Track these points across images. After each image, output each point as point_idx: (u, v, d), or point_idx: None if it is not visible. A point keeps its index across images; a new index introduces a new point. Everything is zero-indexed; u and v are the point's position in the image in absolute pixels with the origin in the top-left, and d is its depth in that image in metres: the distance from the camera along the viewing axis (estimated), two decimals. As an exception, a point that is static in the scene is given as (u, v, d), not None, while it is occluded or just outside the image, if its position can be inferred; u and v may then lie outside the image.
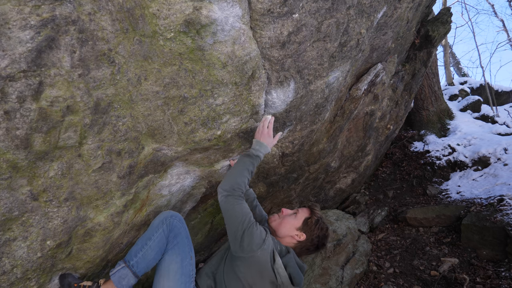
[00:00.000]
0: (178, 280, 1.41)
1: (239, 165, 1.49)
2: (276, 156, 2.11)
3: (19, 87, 0.87)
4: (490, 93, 7.00)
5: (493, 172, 3.94)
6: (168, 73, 1.24)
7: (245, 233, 1.33)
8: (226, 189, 1.42)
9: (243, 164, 1.49)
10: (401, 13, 2.53)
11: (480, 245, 2.83)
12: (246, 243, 1.33)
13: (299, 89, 1.70)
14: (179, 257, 1.45)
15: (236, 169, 1.49)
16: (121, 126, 1.21)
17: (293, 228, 1.54)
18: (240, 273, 1.36)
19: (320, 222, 1.55)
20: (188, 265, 1.47)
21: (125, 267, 1.37)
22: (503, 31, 14.59)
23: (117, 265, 1.40)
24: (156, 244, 1.41)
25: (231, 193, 1.41)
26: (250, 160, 1.50)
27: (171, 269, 1.42)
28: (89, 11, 0.94)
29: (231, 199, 1.40)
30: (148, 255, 1.39)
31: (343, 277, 2.60)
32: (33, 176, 1.03)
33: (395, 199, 4.31)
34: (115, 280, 1.35)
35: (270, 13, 1.31)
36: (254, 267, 1.35)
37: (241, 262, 1.37)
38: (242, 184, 1.44)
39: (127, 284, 1.35)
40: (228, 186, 1.43)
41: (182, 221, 1.51)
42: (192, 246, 1.54)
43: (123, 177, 1.30)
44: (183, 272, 1.44)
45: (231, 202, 1.39)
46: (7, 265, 1.06)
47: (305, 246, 1.54)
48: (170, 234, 1.45)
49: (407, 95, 4.11)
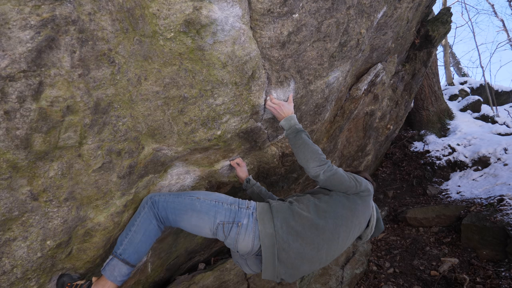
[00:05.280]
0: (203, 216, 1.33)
1: (301, 143, 1.47)
2: (276, 156, 2.11)
3: (19, 87, 0.87)
4: (490, 93, 7.00)
5: (493, 172, 3.94)
6: (168, 73, 1.24)
7: (358, 186, 1.43)
8: (316, 165, 1.41)
9: (300, 140, 1.48)
10: (401, 13, 2.53)
11: (480, 245, 2.83)
12: (363, 188, 1.45)
13: (299, 89, 1.70)
14: (189, 213, 1.34)
15: (302, 147, 1.46)
16: (121, 126, 1.21)
17: None
18: (353, 205, 1.43)
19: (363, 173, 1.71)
20: (206, 204, 1.36)
21: (113, 257, 1.30)
22: (503, 31, 14.61)
23: (106, 260, 1.35)
24: (141, 227, 1.33)
25: (323, 167, 1.40)
26: (303, 134, 1.50)
27: (193, 225, 1.35)
28: (89, 11, 0.94)
29: (327, 173, 1.40)
30: (135, 239, 1.31)
31: (343, 277, 2.60)
32: (33, 176, 1.03)
33: (395, 199, 4.32)
34: (106, 274, 1.28)
35: (270, 13, 1.31)
36: (365, 205, 1.47)
37: (356, 197, 1.45)
38: (319, 150, 1.45)
39: (119, 274, 1.28)
40: (316, 162, 1.40)
41: (164, 194, 1.42)
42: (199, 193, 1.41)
43: (123, 177, 1.30)
44: (203, 211, 1.34)
45: (329, 173, 1.40)
46: (7, 265, 1.06)
47: None
48: (159, 212, 1.35)
49: (407, 95, 4.11)
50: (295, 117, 1.58)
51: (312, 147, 1.45)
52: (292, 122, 1.55)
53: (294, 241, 1.30)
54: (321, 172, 1.40)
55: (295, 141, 1.50)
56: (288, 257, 1.30)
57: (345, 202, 1.41)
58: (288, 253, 1.29)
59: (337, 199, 1.41)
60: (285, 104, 1.59)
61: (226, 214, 1.34)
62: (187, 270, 2.43)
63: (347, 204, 1.41)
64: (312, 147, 1.45)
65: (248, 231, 1.31)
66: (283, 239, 1.29)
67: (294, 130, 1.52)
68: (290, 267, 1.31)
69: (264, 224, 1.31)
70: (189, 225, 1.35)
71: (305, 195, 1.48)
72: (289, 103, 1.62)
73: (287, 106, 1.59)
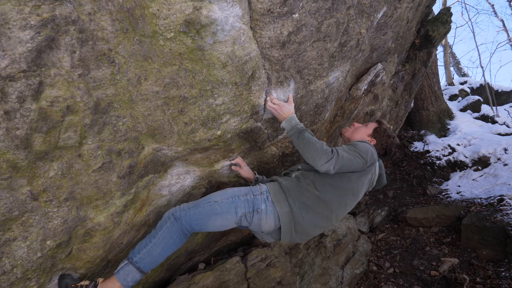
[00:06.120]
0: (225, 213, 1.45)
1: (305, 143, 1.49)
2: (276, 156, 2.11)
3: (19, 87, 0.87)
4: (490, 93, 7.00)
5: (493, 172, 3.94)
6: (168, 73, 1.24)
7: (363, 163, 1.52)
8: (324, 162, 1.43)
9: (304, 140, 1.49)
10: (401, 13, 2.53)
11: (480, 245, 2.83)
12: (369, 162, 1.55)
13: (299, 89, 1.70)
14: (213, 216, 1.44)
15: (307, 147, 1.47)
16: (121, 126, 1.21)
17: (365, 135, 1.79)
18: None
19: (388, 130, 1.78)
20: (224, 205, 1.46)
21: (129, 263, 1.39)
22: (503, 31, 14.61)
23: (121, 263, 1.42)
24: (162, 240, 1.42)
25: (331, 161, 1.43)
26: (305, 133, 1.51)
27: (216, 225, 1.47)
28: (89, 11, 0.94)
29: (336, 166, 1.44)
30: (153, 251, 1.40)
31: (343, 277, 2.60)
32: (33, 176, 1.03)
33: (395, 199, 4.32)
34: (120, 278, 1.37)
35: (270, 13, 1.31)
36: (369, 175, 1.60)
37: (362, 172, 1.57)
38: (323, 145, 1.47)
39: (132, 280, 1.38)
40: (324, 159, 1.43)
41: (184, 208, 1.48)
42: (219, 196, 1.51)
43: (123, 177, 1.30)
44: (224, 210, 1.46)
45: (338, 166, 1.45)
46: (7, 265, 1.06)
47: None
48: (183, 226, 1.43)
49: (407, 95, 4.11)
50: (296, 117, 1.58)
51: (316, 145, 1.46)
52: (293, 123, 1.55)
53: (307, 214, 1.48)
54: (331, 167, 1.45)
55: (298, 142, 1.51)
56: (303, 228, 1.50)
57: (350, 176, 1.53)
58: (302, 225, 1.49)
59: (341, 174, 1.53)
60: (285, 104, 1.59)
61: (245, 205, 1.46)
62: (187, 270, 2.43)
63: (352, 178, 1.54)
64: (316, 145, 1.46)
65: (268, 215, 1.47)
66: (297, 214, 1.47)
67: (296, 130, 1.53)
68: (304, 234, 1.53)
69: (280, 204, 1.47)
70: (215, 227, 1.47)
71: (310, 169, 1.59)
72: (289, 103, 1.63)
73: (287, 106, 1.59)
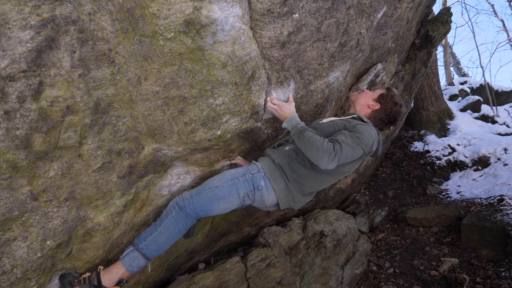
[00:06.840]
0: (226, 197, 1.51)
1: (306, 143, 1.47)
2: (276, 156, 2.11)
3: (19, 87, 0.87)
4: (490, 93, 6.99)
5: (493, 172, 3.94)
6: (168, 73, 1.24)
7: (365, 150, 1.52)
8: (326, 159, 1.42)
9: (305, 139, 1.47)
10: (401, 13, 2.53)
11: (480, 245, 2.82)
12: (369, 149, 1.55)
13: (299, 89, 1.70)
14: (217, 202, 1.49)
15: (309, 146, 1.46)
16: (121, 126, 1.21)
17: (370, 99, 1.79)
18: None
19: (394, 97, 1.75)
20: (227, 187, 1.51)
21: (134, 250, 1.42)
22: (503, 31, 14.62)
23: (126, 249, 1.44)
24: (167, 229, 1.44)
25: (334, 159, 1.43)
26: (305, 132, 1.49)
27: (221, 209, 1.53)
28: (89, 11, 0.94)
29: (340, 160, 1.45)
30: (159, 239, 1.43)
31: (343, 277, 2.60)
32: (33, 176, 1.03)
33: (395, 199, 4.31)
34: (125, 263, 1.39)
35: (270, 13, 1.31)
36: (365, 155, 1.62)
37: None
38: (324, 143, 1.45)
39: (137, 265, 1.41)
40: (326, 158, 1.42)
41: (187, 197, 1.51)
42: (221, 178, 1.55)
43: (123, 177, 1.30)
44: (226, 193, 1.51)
45: (341, 160, 1.46)
46: (7, 265, 1.06)
47: (378, 116, 1.75)
48: (189, 213, 1.47)
49: (407, 95, 4.11)
50: (297, 116, 1.57)
51: (316, 144, 1.44)
52: (293, 122, 1.55)
53: (302, 186, 1.59)
54: (334, 164, 1.46)
55: (300, 142, 1.50)
56: (299, 198, 1.62)
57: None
58: (298, 196, 1.61)
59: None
60: (285, 104, 1.58)
61: (245, 185, 1.51)
62: (187, 270, 2.43)
63: (348, 163, 1.58)
64: (317, 143, 1.44)
65: (269, 190, 1.54)
66: (293, 187, 1.57)
67: (297, 130, 1.52)
68: (301, 202, 1.65)
69: (277, 181, 1.54)
70: (219, 210, 1.53)
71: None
72: (289, 103, 1.62)
73: (288, 106, 1.58)
